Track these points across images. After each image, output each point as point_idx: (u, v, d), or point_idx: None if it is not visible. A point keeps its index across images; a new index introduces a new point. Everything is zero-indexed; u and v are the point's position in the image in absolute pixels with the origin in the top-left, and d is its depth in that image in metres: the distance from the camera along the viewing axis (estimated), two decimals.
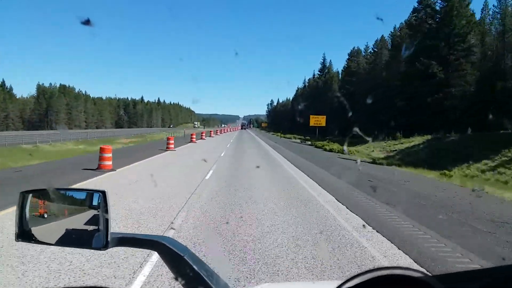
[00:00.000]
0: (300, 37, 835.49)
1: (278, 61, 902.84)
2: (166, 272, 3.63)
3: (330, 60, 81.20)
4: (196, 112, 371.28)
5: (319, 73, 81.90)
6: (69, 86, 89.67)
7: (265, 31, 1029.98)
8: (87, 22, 2.22)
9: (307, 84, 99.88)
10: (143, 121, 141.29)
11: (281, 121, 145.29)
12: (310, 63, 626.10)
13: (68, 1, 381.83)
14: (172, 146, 22.51)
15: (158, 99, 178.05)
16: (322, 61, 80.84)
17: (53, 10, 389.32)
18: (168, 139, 23.56)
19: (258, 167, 14.28)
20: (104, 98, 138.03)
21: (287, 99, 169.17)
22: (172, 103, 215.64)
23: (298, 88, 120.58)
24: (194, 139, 32.68)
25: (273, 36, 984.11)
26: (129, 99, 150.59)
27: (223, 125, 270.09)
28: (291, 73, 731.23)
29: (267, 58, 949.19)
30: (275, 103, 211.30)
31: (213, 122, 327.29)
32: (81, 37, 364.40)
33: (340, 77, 70.76)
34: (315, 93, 79.18)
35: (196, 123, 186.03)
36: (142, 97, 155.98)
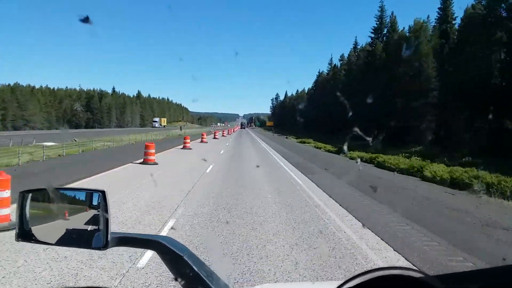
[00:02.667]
0: (302, 33, 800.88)
1: (278, 60, 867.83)
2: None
3: (393, 12, 46.35)
4: (195, 110, 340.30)
5: (372, 35, 48.02)
6: None
7: (264, 28, 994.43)
8: (86, 20, 2.14)
9: (340, 62, 66.07)
10: (111, 118, 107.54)
11: (292, 118, 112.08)
12: (311, 61, 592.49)
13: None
14: None
15: (138, 91, 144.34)
16: (379, 12, 46.84)
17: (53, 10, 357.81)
18: None
19: None
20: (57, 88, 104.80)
21: (297, 92, 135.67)
22: (160, 97, 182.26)
23: (320, 72, 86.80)
24: None
25: (272, 33, 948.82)
26: (98, 90, 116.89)
27: (219, 124, 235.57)
28: (291, 71, 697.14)
29: (266, 56, 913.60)
30: (281, 98, 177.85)
31: (210, 120, 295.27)
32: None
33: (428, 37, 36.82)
34: (362, 71, 45.62)
35: (156, 120, 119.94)
36: (113, 88, 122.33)
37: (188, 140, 25.53)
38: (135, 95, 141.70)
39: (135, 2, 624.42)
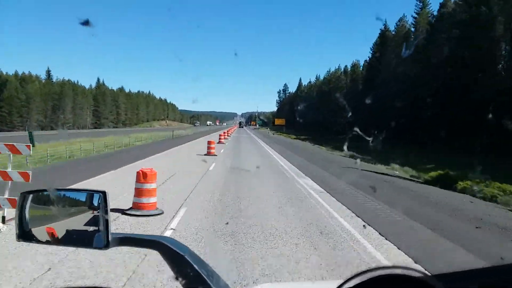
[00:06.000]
0: (298, 34, 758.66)
1: (276, 59, 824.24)
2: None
3: None
4: (193, 109, 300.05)
5: None
6: None
7: (262, 23, 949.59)
8: (86, 23, 2.08)
9: None
10: (30, 114, 67.51)
11: (316, 115, 72.61)
12: (307, 63, 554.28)
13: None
14: None
15: (98, 80, 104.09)
16: None
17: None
18: None
19: None
20: None
21: (316, 78, 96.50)
22: (140, 91, 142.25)
23: (384, 30, 47.09)
24: None
25: (271, 28, 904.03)
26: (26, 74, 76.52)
27: (209, 123, 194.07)
28: (289, 73, 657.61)
29: (264, 56, 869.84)
30: (291, 90, 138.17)
31: (205, 118, 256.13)
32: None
33: None
34: None
35: None
36: (48, 71, 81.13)
37: None
38: (94, 85, 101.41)
39: None
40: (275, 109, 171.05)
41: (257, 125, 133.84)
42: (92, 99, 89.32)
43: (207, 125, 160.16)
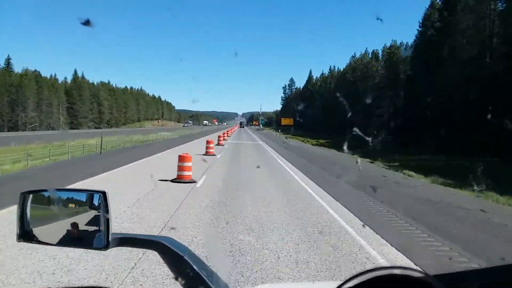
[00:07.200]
0: (297, 34, 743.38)
1: (276, 59, 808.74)
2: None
3: None
4: (193, 109, 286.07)
5: None
6: None
7: (263, 23, 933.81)
8: (87, 23, 2.08)
9: None
10: None
11: (333, 112, 58.03)
12: (310, 61, 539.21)
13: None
14: None
15: (76, 72, 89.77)
16: None
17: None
18: None
19: None
20: None
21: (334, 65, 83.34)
22: (127, 87, 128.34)
23: None
24: None
25: (272, 28, 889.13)
26: None
27: (205, 122, 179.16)
28: (287, 74, 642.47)
29: (265, 56, 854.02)
30: (298, 85, 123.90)
31: (205, 118, 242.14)
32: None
33: None
34: None
35: None
36: (8, 58, 66.49)
37: None
38: (69, 78, 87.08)
39: None
40: (275, 109, 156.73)
41: (260, 125, 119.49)
42: (64, 94, 75.11)
43: (204, 125, 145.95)
